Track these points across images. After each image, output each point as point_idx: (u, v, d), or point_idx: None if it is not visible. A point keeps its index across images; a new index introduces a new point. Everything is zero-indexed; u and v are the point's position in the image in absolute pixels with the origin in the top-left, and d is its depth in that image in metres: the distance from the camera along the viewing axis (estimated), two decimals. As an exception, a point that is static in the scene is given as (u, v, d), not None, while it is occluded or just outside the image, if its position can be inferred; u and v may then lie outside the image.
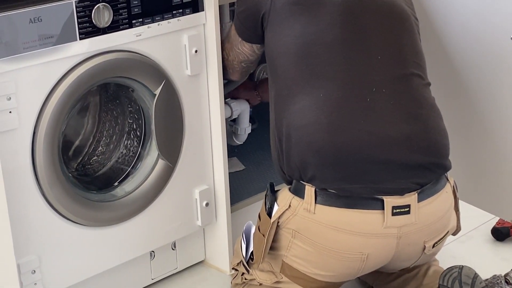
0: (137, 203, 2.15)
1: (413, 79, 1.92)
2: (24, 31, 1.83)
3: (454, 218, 1.99)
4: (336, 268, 1.87)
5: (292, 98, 1.92)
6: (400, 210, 1.81)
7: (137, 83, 2.09)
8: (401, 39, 1.94)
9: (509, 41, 2.11)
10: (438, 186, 1.88)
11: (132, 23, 2.02)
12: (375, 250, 1.84)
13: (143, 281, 2.29)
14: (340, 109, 1.86)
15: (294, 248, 1.88)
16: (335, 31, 1.90)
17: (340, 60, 1.90)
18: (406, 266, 2.00)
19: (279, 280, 1.97)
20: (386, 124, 1.85)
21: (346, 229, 1.81)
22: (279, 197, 1.91)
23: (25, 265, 1.95)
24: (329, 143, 1.83)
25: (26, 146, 1.90)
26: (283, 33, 1.97)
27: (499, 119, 2.19)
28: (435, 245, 1.92)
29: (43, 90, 1.90)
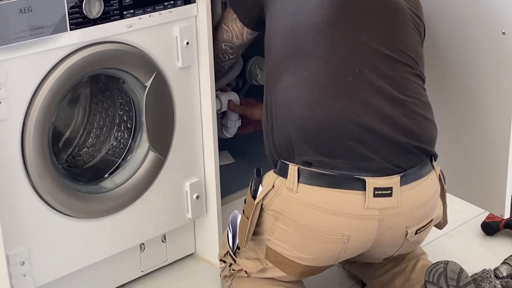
0: (127, 195, 2.15)
1: (399, 66, 1.92)
2: (14, 21, 1.82)
3: (440, 208, 2.00)
4: (317, 250, 1.88)
5: (279, 77, 1.94)
6: (381, 192, 1.82)
7: (128, 75, 2.09)
8: (390, 28, 1.94)
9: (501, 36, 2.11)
10: (422, 172, 1.89)
11: (123, 14, 2.01)
12: (356, 232, 1.84)
13: (133, 274, 2.30)
14: (323, 87, 1.87)
15: (277, 230, 1.90)
16: (323, 12, 1.91)
17: (325, 40, 1.91)
18: (389, 253, 2.00)
19: (264, 267, 1.97)
20: (368, 105, 1.86)
21: (327, 209, 1.82)
22: (264, 179, 1.93)
23: (14, 256, 1.94)
24: (311, 119, 1.85)
25: (16, 137, 1.90)
26: (278, 15, 1.99)
27: (489, 114, 2.19)
28: (417, 232, 1.92)
29: (33, 81, 1.90)
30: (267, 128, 1.97)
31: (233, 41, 2.20)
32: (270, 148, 1.96)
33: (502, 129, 2.15)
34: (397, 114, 1.87)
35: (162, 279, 2.32)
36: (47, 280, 2.05)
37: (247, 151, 2.68)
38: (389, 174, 1.84)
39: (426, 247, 2.18)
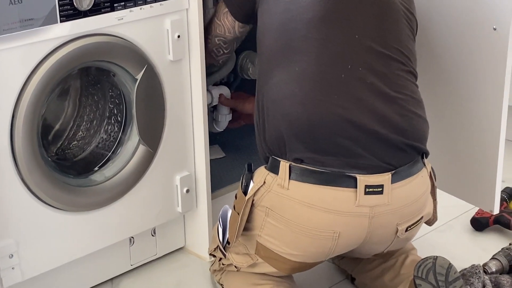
0: (117, 188, 2.16)
1: (392, 63, 1.92)
2: (4, 12, 1.82)
3: (430, 205, 2.01)
4: (307, 247, 1.89)
5: (270, 73, 1.94)
6: (373, 189, 1.83)
7: (119, 68, 2.09)
8: (383, 25, 1.95)
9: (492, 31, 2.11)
10: (413, 169, 1.90)
11: (114, 6, 2.01)
12: (347, 229, 1.85)
13: (122, 267, 2.31)
14: (315, 83, 1.88)
15: (268, 226, 1.90)
16: (316, 8, 1.91)
17: (317, 36, 1.91)
18: (379, 250, 2.01)
19: (254, 262, 1.98)
20: (360, 102, 1.87)
21: (318, 206, 1.82)
22: (255, 175, 1.94)
23: (3, 249, 1.96)
24: (303, 115, 1.85)
25: (5, 129, 1.90)
26: (271, 10, 1.99)
27: (480, 110, 2.20)
28: (408, 229, 1.93)
29: (22, 73, 1.90)
30: (258, 124, 1.98)
31: (226, 35, 2.20)
32: (262, 144, 1.96)
33: (492, 126, 2.16)
34: (389, 111, 1.87)
35: (152, 273, 2.33)
36: (36, 273, 2.05)
37: (238, 145, 2.68)
38: (380, 171, 1.84)
39: (416, 242, 2.19)
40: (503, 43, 2.08)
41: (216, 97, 2.47)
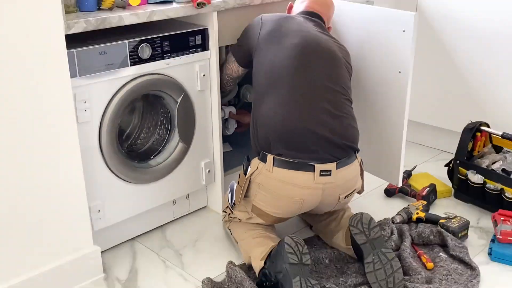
0: (165, 169, 2.16)
1: (338, 94, 1.93)
2: (96, 60, 1.87)
3: (360, 182, 2.00)
4: (284, 208, 1.90)
5: (261, 100, 1.95)
6: (324, 173, 1.83)
7: (166, 94, 2.10)
8: (331, 71, 1.95)
9: (398, 74, 2.11)
10: (349, 160, 1.90)
11: (164, 56, 2.03)
12: (308, 197, 1.86)
13: (168, 218, 2.31)
14: (290, 106, 1.88)
15: (259, 195, 1.91)
16: (291, 60, 1.92)
17: (292, 77, 1.91)
18: (328, 209, 2.02)
19: (250, 216, 1.98)
20: (318, 118, 1.87)
21: (291, 183, 1.83)
22: (252, 163, 1.93)
23: (94, 207, 1.99)
24: (282, 126, 1.87)
25: (95, 132, 1.93)
26: (260, 60, 2.00)
27: (388, 121, 2.18)
28: (346, 197, 1.95)
29: (106, 97, 1.93)
30: (253, 132, 1.99)
31: (232, 75, 2.21)
32: (255, 143, 1.97)
33: (398, 132, 2.17)
34: (335, 124, 1.89)
35: (186, 222, 2.33)
36: (115, 221, 2.08)
37: (240, 143, 2.68)
38: (330, 161, 1.85)
39: (350, 204, 2.19)
40: (406, 82, 2.08)
41: (227, 113, 2.47)
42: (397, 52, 2.08)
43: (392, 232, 2.14)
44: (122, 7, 1.94)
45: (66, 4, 1.84)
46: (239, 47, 2.14)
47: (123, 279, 1.96)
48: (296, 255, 1.75)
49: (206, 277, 1.92)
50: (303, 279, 1.71)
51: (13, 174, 1.68)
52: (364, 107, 2.26)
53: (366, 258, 1.84)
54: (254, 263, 1.89)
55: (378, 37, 2.13)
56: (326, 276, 1.95)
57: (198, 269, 2.01)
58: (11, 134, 1.65)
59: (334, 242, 2.06)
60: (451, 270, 1.94)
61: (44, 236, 1.81)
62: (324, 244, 2.10)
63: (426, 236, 2.12)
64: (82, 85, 1.82)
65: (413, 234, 2.13)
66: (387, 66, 2.13)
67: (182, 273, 1.99)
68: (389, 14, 2.07)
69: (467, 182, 2.37)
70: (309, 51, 1.94)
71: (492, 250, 2.03)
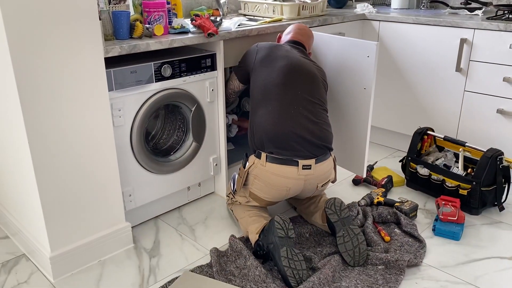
0: (182, 163, 2.16)
1: (316, 105, 1.92)
2: (128, 77, 1.86)
3: (333, 174, 1.98)
4: (274, 194, 1.89)
5: (257, 109, 1.94)
6: (306, 167, 1.83)
7: (183, 104, 2.10)
8: (311, 87, 1.94)
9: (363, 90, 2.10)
10: (325, 157, 1.89)
11: (181, 74, 2.03)
12: (293, 186, 1.85)
13: (183, 201, 2.30)
14: (279, 115, 1.87)
15: (255, 184, 1.89)
16: (279, 78, 1.92)
17: (281, 92, 1.90)
18: (309, 195, 2.00)
19: (248, 200, 1.97)
20: (300, 123, 1.86)
21: (280, 175, 1.83)
22: (249, 159, 1.92)
23: (126, 191, 1.99)
24: (273, 130, 1.85)
25: (127, 134, 1.93)
26: (255, 79, 1.99)
27: (357, 127, 2.18)
28: (322, 185, 1.94)
29: (136, 106, 1.92)
30: (250, 135, 1.98)
31: (234, 89, 2.20)
32: (252, 144, 1.96)
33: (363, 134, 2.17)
34: (315, 129, 1.88)
35: (198, 204, 2.32)
36: (142, 203, 2.07)
37: (240, 143, 2.68)
38: (310, 158, 1.84)
39: (326, 191, 2.19)
40: (369, 96, 2.08)
41: (231, 120, 2.46)
42: (362, 73, 2.08)
43: (358, 213, 2.14)
44: (149, 36, 1.94)
45: (105, 34, 1.85)
46: (240, 68, 2.13)
47: (149, 248, 1.96)
48: (284, 230, 1.75)
49: (213, 246, 1.92)
50: (288, 249, 1.71)
51: (67, 166, 1.70)
52: (337, 115, 2.26)
53: (338, 233, 1.84)
54: (251, 236, 1.89)
55: (348, 61, 2.14)
56: (306, 246, 1.95)
57: (207, 241, 2.01)
58: (64, 135, 1.66)
59: (313, 220, 2.05)
60: (404, 242, 1.95)
61: (89, 214, 1.82)
62: (305, 222, 2.10)
63: (384, 216, 2.12)
64: (117, 97, 1.82)
65: (374, 214, 2.13)
66: (355, 83, 2.13)
67: (195, 244, 1.99)
68: (357, 43, 2.07)
69: (417, 174, 2.38)
70: (293, 72, 1.93)
71: (436, 227, 2.04)
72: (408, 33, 2.64)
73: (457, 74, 2.51)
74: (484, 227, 2.10)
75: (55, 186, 1.69)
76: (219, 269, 1.78)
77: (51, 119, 1.61)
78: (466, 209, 2.21)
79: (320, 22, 2.53)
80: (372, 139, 3.07)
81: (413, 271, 1.80)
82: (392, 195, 2.38)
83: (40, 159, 1.62)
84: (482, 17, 2.54)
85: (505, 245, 1.97)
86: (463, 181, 2.18)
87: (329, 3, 3.14)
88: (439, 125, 2.65)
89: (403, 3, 3.04)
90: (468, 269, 1.82)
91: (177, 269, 1.83)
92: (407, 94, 2.76)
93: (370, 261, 1.81)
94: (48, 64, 1.56)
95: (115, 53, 1.74)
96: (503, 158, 2.16)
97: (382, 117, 2.92)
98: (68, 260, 1.79)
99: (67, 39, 1.58)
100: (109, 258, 1.90)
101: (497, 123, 2.42)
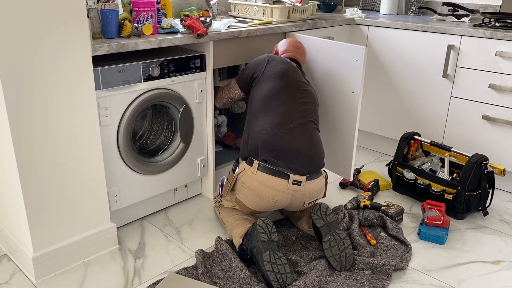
0: (169, 164, 2.15)
1: (311, 124, 1.93)
2: (115, 76, 1.84)
3: (323, 192, 1.96)
4: (260, 204, 1.87)
5: (255, 119, 1.93)
6: (296, 182, 1.81)
7: (171, 105, 2.09)
8: (310, 108, 1.97)
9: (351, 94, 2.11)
10: (317, 175, 1.88)
11: (170, 75, 2.01)
12: (280, 199, 1.84)
13: (170, 202, 2.29)
14: (277, 127, 1.87)
15: (242, 191, 1.88)
16: (280, 92, 1.94)
17: (282, 105, 1.92)
18: (294, 210, 1.98)
19: (234, 205, 1.97)
20: (298, 139, 1.86)
21: (269, 186, 1.81)
22: (240, 165, 1.90)
23: (112, 192, 1.98)
24: (269, 140, 1.84)
25: (114, 133, 1.91)
26: (257, 90, 1.99)
27: (342, 132, 2.19)
28: (309, 203, 1.92)
29: (123, 106, 1.91)
30: (244, 142, 1.96)
31: (234, 98, 2.16)
32: (244, 151, 1.94)
33: (350, 139, 2.17)
34: (310, 147, 1.87)
35: (184, 205, 2.31)
36: (128, 204, 2.06)
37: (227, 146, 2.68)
38: (301, 174, 1.83)
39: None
40: (357, 100, 2.09)
41: (220, 120, 2.47)
42: (351, 77, 2.09)
43: (344, 216, 2.13)
44: (137, 35, 1.92)
45: (93, 32, 1.83)
46: (244, 75, 2.08)
47: (134, 249, 1.94)
48: (266, 234, 1.74)
49: (199, 248, 1.91)
50: (271, 252, 1.70)
51: (51, 165, 1.67)
52: (326, 119, 2.27)
53: (324, 238, 1.84)
54: (235, 240, 1.88)
55: (337, 65, 2.14)
56: (293, 250, 1.94)
57: (193, 242, 2.00)
58: (49, 134, 1.64)
59: (299, 225, 2.04)
60: (390, 246, 1.96)
61: (73, 214, 1.79)
62: (292, 225, 2.09)
63: (370, 219, 2.13)
64: (104, 96, 1.80)
65: (360, 218, 2.14)
66: (343, 88, 2.14)
67: (181, 246, 1.98)
68: (346, 47, 2.08)
69: (403, 178, 2.39)
70: (297, 90, 1.96)
71: (421, 231, 2.05)
72: (396, 39, 2.66)
73: (444, 80, 2.53)
74: (468, 232, 2.12)
75: (39, 185, 1.66)
76: (204, 271, 1.76)
77: (36, 117, 1.59)
78: (451, 214, 2.23)
79: (309, 26, 2.54)
80: (359, 143, 3.08)
81: (398, 274, 1.81)
82: (379, 198, 2.39)
83: (24, 158, 1.59)
84: (469, 24, 2.58)
85: (488, 250, 1.99)
86: (448, 186, 2.20)
87: (319, 7, 3.15)
88: (426, 130, 2.68)
89: (392, 9, 3.06)
90: (452, 273, 1.83)
91: (162, 271, 1.81)
92: (395, 99, 2.78)
93: (357, 266, 1.80)
94: (34, 61, 1.53)
95: (103, 52, 1.73)
96: (488, 163, 2.18)
97: (369, 121, 2.93)
98: (51, 261, 1.76)
99: (54, 36, 1.56)
100: (93, 259, 1.87)
101: (482, 129, 2.45)
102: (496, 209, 2.33)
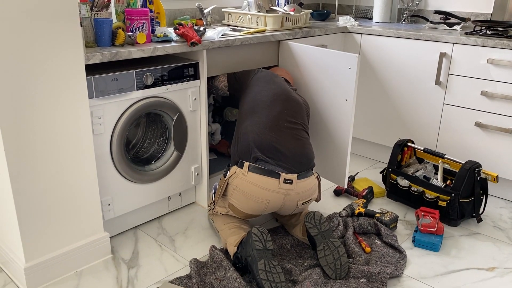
0: (163, 172, 2.14)
1: (299, 126, 1.96)
2: (109, 85, 1.83)
3: (316, 193, 1.97)
4: (253, 206, 1.87)
5: (244, 121, 1.96)
6: (287, 181, 1.82)
7: (165, 113, 2.09)
8: (296, 112, 2.00)
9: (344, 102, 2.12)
10: (308, 174, 1.89)
11: (163, 83, 2.01)
12: (273, 199, 1.84)
13: (164, 211, 2.28)
14: (264, 128, 1.90)
15: (234, 195, 1.88)
16: (269, 97, 1.99)
17: (267, 108, 1.95)
18: (289, 213, 1.98)
19: (227, 211, 1.97)
20: (285, 138, 1.89)
21: (260, 186, 1.82)
22: (231, 169, 1.91)
23: (105, 201, 1.96)
24: (258, 139, 1.88)
25: (107, 142, 1.91)
26: (247, 94, 2.04)
27: (339, 140, 2.19)
28: (303, 204, 1.92)
29: (116, 114, 1.91)
30: (234, 145, 1.97)
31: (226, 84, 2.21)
32: (235, 154, 1.95)
33: (344, 146, 2.18)
34: (298, 145, 1.90)
35: (179, 214, 2.30)
36: (121, 213, 2.05)
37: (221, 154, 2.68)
38: (292, 173, 1.85)
39: (307, 201, 2.18)
40: (351, 107, 2.10)
41: (214, 128, 2.48)
42: (344, 84, 2.10)
43: (339, 223, 2.14)
44: (131, 44, 1.93)
45: (86, 41, 1.83)
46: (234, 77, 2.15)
47: (127, 259, 1.93)
48: (261, 242, 1.73)
49: (193, 257, 1.90)
50: (266, 261, 1.70)
51: (44, 174, 1.66)
52: (320, 126, 2.27)
53: (318, 246, 1.83)
54: (229, 249, 1.87)
55: (330, 73, 2.15)
56: (287, 258, 1.93)
57: (187, 251, 1.99)
58: (42, 142, 1.63)
59: (293, 233, 2.04)
60: (384, 254, 1.96)
61: (66, 223, 1.78)
62: (286, 233, 2.09)
63: (365, 226, 2.13)
64: (97, 104, 1.80)
65: (355, 225, 2.14)
66: (336, 95, 2.15)
67: (174, 255, 1.97)
68: (339, 55, 2.09)
69: (397, 185, 2.40)
70: (282, 95, 2.00)
71: (415, 238, 2.05)
72: (389, 46, 2.68)
73: (437, 87, 2.55)
74: (462, 238, 2.13)
75: (31, 194, 1.65)
76: (199, 280, 1.75)
77: (28, 125, 1.58)
78: (445, 221, 2.23)
79: (303, 34, 2.56)
80: (353, 150, 3.09)
81: (393, 282, 1.81)
82: (373, 206, 2.39)
83: (15, 166, 1.58)
84: (461, 32, 2.60)
85: (483, 256, 1.99)
86: (442, 193, 2.21)
87: (312, 16, 3.17)
88: (419, 137, 2.69)
89: (385, 17, 3.09)
90: (447, 280, 1.83)
91: (156, 280, 1.80)
92: (388, 106, 2.79)
93: (352, 274, 1.80)
94: (28, 70, 1.53)
95: (96, 60, 1.73)
96: (481, 170, 2.19)
97: (363, 129, 2.94)
98: (43, 271, 1.74)
99: (47, 45, 1.56)
100: (86, 269, 1.85)
101: (475, 136, 2.46)
102: (490, 216, 2.34)
